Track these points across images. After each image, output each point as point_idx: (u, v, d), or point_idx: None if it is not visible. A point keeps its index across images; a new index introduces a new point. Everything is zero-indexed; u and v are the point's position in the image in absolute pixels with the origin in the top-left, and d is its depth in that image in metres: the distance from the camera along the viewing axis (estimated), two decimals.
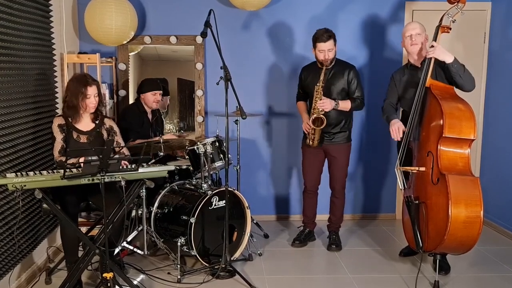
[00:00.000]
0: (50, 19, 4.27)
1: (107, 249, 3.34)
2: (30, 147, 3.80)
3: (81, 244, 3.85)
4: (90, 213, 4.72)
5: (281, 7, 5.25)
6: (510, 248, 4.71)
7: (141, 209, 4.11)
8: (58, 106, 4.37)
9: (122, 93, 5.21)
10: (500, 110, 5.16)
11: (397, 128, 3.94)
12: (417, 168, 3.80)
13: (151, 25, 5.22)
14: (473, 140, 3.59)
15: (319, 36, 4.27)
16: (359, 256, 4.49)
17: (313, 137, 4.41)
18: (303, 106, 4.67)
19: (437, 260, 3.80)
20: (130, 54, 5.22)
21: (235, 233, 4.22)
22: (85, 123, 3.79)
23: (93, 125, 3.81)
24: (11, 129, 3.49)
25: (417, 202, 3.80)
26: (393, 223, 5.45)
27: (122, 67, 5.19)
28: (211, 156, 4.29)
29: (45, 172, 3.29)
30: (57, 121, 3.72)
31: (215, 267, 3.95)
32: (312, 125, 4.32)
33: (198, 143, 4.29)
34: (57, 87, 4.39)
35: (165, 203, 4.25)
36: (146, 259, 4.31)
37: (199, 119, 5.31)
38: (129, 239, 4.07)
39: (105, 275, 3.30)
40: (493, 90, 5.29)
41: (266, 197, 5.56)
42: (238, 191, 4.31)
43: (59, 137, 3.69)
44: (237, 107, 4.05)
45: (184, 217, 3.98)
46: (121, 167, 3.40)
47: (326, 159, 4.64)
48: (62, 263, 3.94)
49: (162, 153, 4.30)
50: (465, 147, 3.61)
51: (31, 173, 3.18)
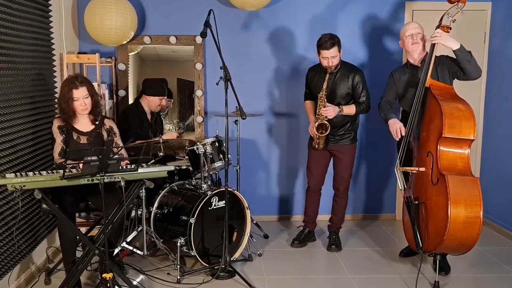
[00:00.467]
0: (49, 19, 4.27)
1: (106, 250, 3.34)
2: (29, 147, 3.79)
3: (80, 244, 3.86)
4: (89, 214, 4.73)
5: (281, 7, 5.25)
6: (510, 248, 4.70)
7: (141, 210, 4.10)
8: (57, 106, 4.36)
9: (121, 93, 5.20)
10: (500, 110, 5.15)
11: (398, 128, 3.93)
12: (417, 168, 3.79)
13: (150, 25, 5.22)
14: (473, 140, 3.58)
15: (322, 43, 4.21)
16: (359, 256, 4.49)
17: (318, 141, 4.42)
18: (310, 106, 4.65)
19: (437, 260, 3.80)
20: (129, 54, 5.22)
21: (235, 234, 4.21)
22: (85, 124, 3.78)
23: (93, 126, 3.80)
24: (10, 129, 3.49)
25: (417, 202, 3.80)
26: (393, 223, 5.44)
27: (121, 67, 5.18)
28: (211, 156, 4.28)
29: (44, 172, 3.28)
30: (57, 122, 3.71)
31: (215, 267, 3.95)
32: (316, 132, 4.32)
33: (197, 143, 4.28)
34: (56, 87, 4.38)
35: (164, 204, 4.25)
36: (145, 260, 4.31)
37: (199, 119, 5.31)
38: (128, 239, 4.06)
39: (104, 275, 3.30)
40: (493, 90, 5.28)
41: (266, 197, 5.56)
42: (238, 191, 4.30)
43: (59, 138, 3.69)
44: (236, 107, 4.04)
45: (183, 218, 3.98)
46: (120, 167, 3.39)
47: (331, 159, 4.65)
48: (61, 264, 3.93)
49: (161, 153, 4.30)
50: (465, 147, 3.60)
51: (31, 174, 3.18)
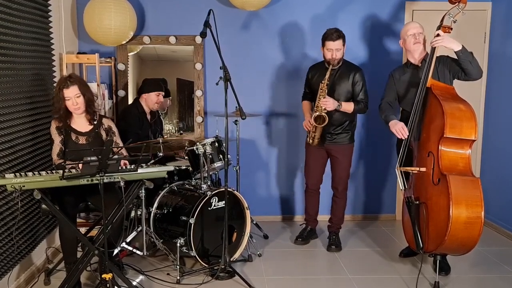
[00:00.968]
0: (49, 19, 4.26)
1: (106, 250, 3.33)
2: (28, 148, 3.78)
3: (80, 244, 3.85)
4: (89, 214, 4.72)
5: (280, 7, 5.24)
6: (510, 248, 4.70)
7: (140, 210, 4.09)
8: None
9: (121, 93, 5.20)
10: (500, 110, 5.15)
11: (400, 128, 3.92)
12: (417, 168, 3.79)
13: (150, 25, 5.21)
14: (474, 140, 3.58)
15: (328, 34, 4.29)
16: (359, 256, 4.48)
17: (313, 135, 4.41)
18: (307, 105, 4.68)
19: (438, 260, 3.80)
20: (129, 54, 5.21)
21: (235, 234, 4.20)
22: (82, 124, 3.77)
23: (91, 126, 3.79)
24: (9, 129, 3.48)
25: (417, 202, 3.79)
26: (393, 223, 5.44)
27: (121, 67, 5.17)
28: (211, 156, 4.28)
29: (44, 172, 3.28)
30: (55, 123, 3.71)
31: (215, 268, 3.94)
32: (314, 122, 4.31)
33: (197, 143, 4.28)
34: None
35: (164, 204, 4.24)
36: (145, 260, 4.30)
37: (199, 119, 5.30)
38: (128, 239, 4.05)
39: (104, 276, 3.29)
40: (493, 90, 5.28)
41: (265, 197, 5.55)
42: (237, 191, 4.30)
43: (57, 139, 3.68)
44: (236, 107, 4.04)
45: (183, 218, 3.97)
46: (120, 168, 3.39)
47: (328, 159, 4.65)
48: (61, 264, 3.93)
49: (161, 154, 4.29)
50: (466, 147, 3.60)
51: (30, 174, 3.17)
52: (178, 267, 3.90)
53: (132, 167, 3.48)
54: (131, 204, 3.90)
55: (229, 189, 3.98)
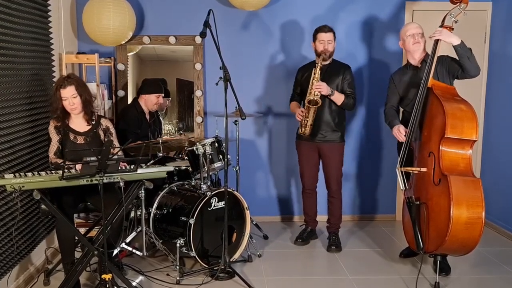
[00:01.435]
0: (48, 19, 4.25)
1: (105, 250, 3.33)
2: (28, 148, 3.78)
3: (79, 245, 3.84)
4: (88, 214, 4.71)
5: (280, 7, 5.24)
6: (510, 249, 4.69)
7: (140, 210, 4.08)
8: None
9: (120, 93, 5.19)
10: (501, 110, 5.14)
11: (396, 130, 3.94)
12: (418, 168, 3.78)
13: (149, 25, 5.20)
14: (475, 141, 3.58)
15: (320, 27, 4.45)
16: (359, 257, 4.48)
17: (306, 121, 4.41)
18: (296, 104, 4.72)
19: (438, 261, 3.79)
20: (129, 54, 5.20)
21: (235, 234, 4.20)
22: (81, 124, 3.77)
23: (89, 126, 3.79)
24: (9, 129, 3.47)
25: (418, 202, 3.78)
26: (393, 224, 5.43)
27: (120, 67, 5.16)
28: (210, 156, 4.28)
29: (43, 172, 3.27)
30: (53, 123, 3.70)
31: (214, 268, 3.94)
32: (307, 103, 4.34)
33: (197, 143, 4.27)
34: None
35: (164, 204, 4.23)
36: (145, 260, 4.29)
37: (198, 119, 5.29)
38: (128, 240, 4.04)
39: (103, 276, 3.29)
40: (494, 90, 5.27)
41: (265, 198, 5.54)
42: (237, 192, 4.29)
43: (55, 138, 3.68)
44: (236, 107, 4.03)
45: (183, 218, 3.96)
46: (120, 168, 3.38)
47: (320, 159, 4.67)
48: (60, 265, 3.91)
49: (161, 154, 4.28)
50: (467, 148, 3.59)
51: (30, 174, 3.16)
52: (177, 267, 3.90)
53: (131, 167, 3.47)
54: (131, 204, 3.90)
55: (229, 190, 3.97)
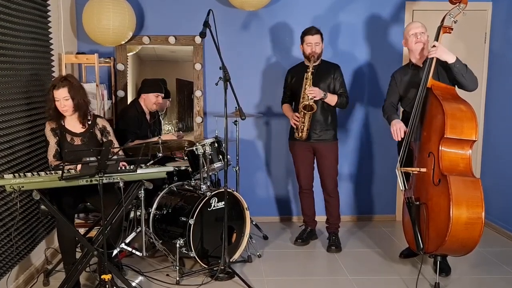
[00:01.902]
0: (48, 19, 4.25)
1: (105, 251, 3.32)
2: (27, 148, 3.77)
3: (79, 245, 3.84)
4: (88, 215, 4.71)
5: (280, 7, 5.23)
6: (510, 249, 4.69)
7: (140, 211, 4.08)
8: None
9: (120, 93, 5.18)
10: (501, 110, 5.14)
11: (398, 128, 3.92)
12: (418, 169, 3.77)
13: (149, 25, 5.20)
14: (475, 141, 3.58)
15: (307, 30, 4.46)
16: (358, 257, 4.47)
17: (302, 126, 4.43)
18: (288, 107, 4.75)
19: (438, 261, 3.79)
20: (128, 54, 5.20)
21: (234, 235, 4.19)
22: (76, 125, 3.75)
23: (85, 127, 3.78)
24: (8, 130, 3.47)
25: (418, 203, 3.78)
26: (393, 224, 5.43)
27: (120, 67, 5.16)
28: (210, 157, 4.27)
29: (43, 173, 3.27)
30: (50, 125, 3.69)
31: (214, 268, 3.93)
32: (302, 109, 4.35)
33: (197, 144, 4.27)
34: None
35: (163, 205, 4.23)
36: (144, 261, 4.29)
37: (198, 119, 5.29)
38: (127, 240, 4.04)
39: (103, 276, 3.29)
40: (494, 90, 5.27)
41: (265, 198, 5.54)
42: (237, 192, 4.29)
43: (52, 141, 3.67)
44: (236, 107, 4.03)
45: (183, 219, 3.96)
46: (119, 168, 3.38)
47: (315, 159, 4.68)
48: (60, 265, 3.92)
49: (160, 154, 4.28)
50: (467, 148, 3.59)
51: (29, 174, 3.16)
52: (177, 268, 3.90)
53: (131, 167, 3.47)
54: (130, 204, 3.89)
55: (228, 190, 3.97)
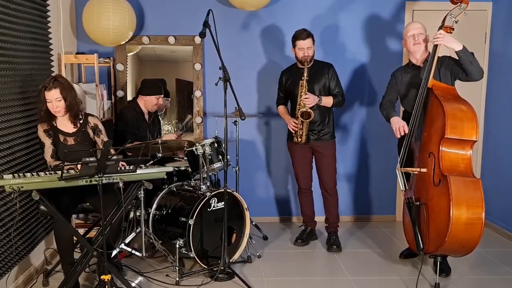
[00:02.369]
0: (47, 19, 4.24)
1: (105, 251, 3.32)
2: (27, 149, 3.77)
3: (78, 246, 3.83)
4: (87, 215, 4.70)
5: (280, 7, 5.23)
6: (511, 250, 4.68)
7: (139, 211, 4.07)
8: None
9: (120, 93, 5.18)
10: (501, 111, 5.13)
11: (401, 125, 3.91)
12: (418, 169, 3.77)
13: (149, 25, 5.19)
14: (475, 141, 3.57)
15: (298, 34, 4.42)
16: (359, 258, 4.47)
17: (301, 132, 4.45)
18: (284, 109, 4.77)
19: (438, 262, 3.79)
20: (128, 54, 5.19)
21: (234, 235, 4.19)
22: (68, 125, 3.74)
23: (77, 126, 3.76)
24: (7, 130, 3.47)
25: (418, 203, 3.78)
26: (393, 224, 5.42)
27: (120, 67, 5.15)
28: (210, 157, 4.27)
29: (42, 173, 3.26)
30: (42, 127, 3.67)
31: (214, 269, 3.93)
32: (300, 117, 4.37)
33: (196, 144, 4.26)
34: None
35: (163, 205, 4.22)
36: (144, 261, 4.28)
37: (198, 120, 5.28)
38: (127, 241, 4.03)
39: (102, 277, 3.28)
40: (494, 90, 5.26)
41: (265, 198, 5.53)
42: (237, 192, 4.28)
43: (47, 142, 3.66)
44: (236, 108, 4.02)
45: (182, 219, 3.95)
46: (119, 168, 3.37)
47: (313, 158, 4.69)
48: (59, 265, 3.90)
49: (160, 154, 4.27)
50: (467, 148, 3.58)
51: (28, 175, 3.16)
52: (177, 268, 3.89)
53: (131, 167, 3.46)
54: (130, 205, 3.89)
55: (228, 190, 3.97)
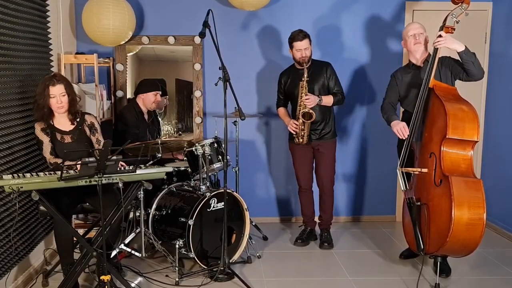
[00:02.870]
0: (47, 19, 4.24)
1: (104, 251, 3.32)
2: (26, 149, 3.76)
3: (78, 246, 3.82)
4: (87, 215, 4.70)
5: (280, 7, 5.22)
6: (511, 250, 4.68)
7: (139, 211, 4.07)
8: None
9: (119, 93, 5.17)
10: (501, 111, 5.13)
11: (401, 127, 3.91)
12: (419, 169, 3.77)
13: (149, 25, 5.19)
14: (476, 141, 3.57)
15: (294, 36, 4.43)
16: (358, 258, 4.46)
17: (302, 133, 4.46)
18: (284, 111, 4.77)
19: (438, 262, 3.78)
20: (128, 54, 5.18)
21: (234, 235, 4.18)
22: (65, 124, 3.75)
23: (74, 125, 3.78)
24: (7, 130, 3.46)
25: (419, 203, 3.77)
26: (393, 225, 5.42)
27: (119, 67, 5.15)
28: (210, 157, 4.26)
29: (42, 173, 3.25)
30: (39, 126, 3.67)
31: (214, 269, 3.92)
32: (301, 118, 4.37)
33: (196, 144, 4.25)
34: None
35: (163, 205, 4.21)
36: (143, 262, 4.28)
37: (198, 120, 5.28)
38: (126, 241, 4.02)
39: (102, 277, 3.28)
40: (494, 91, 5.26)
41: (265, 199, 5.52)
42: (237, 192, 4.27)
43: (46, 139, 3.66)
44: (235, 108, 4.02)
45: (182, 219, 3.95)
46: (118, 168, 3.36)
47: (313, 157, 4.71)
48: (59, 266, 3.89)
49: (160, 155, 4.27)
50: (468, 148, 3.58)
51: (28, 175, 3.15)
52: (177, 268, 3.88)
53: (130, 168, 3.46)
54: (130, 205, 3.88)
55: (228, 190, 3.96)
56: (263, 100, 5.35)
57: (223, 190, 3.90)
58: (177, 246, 3.90)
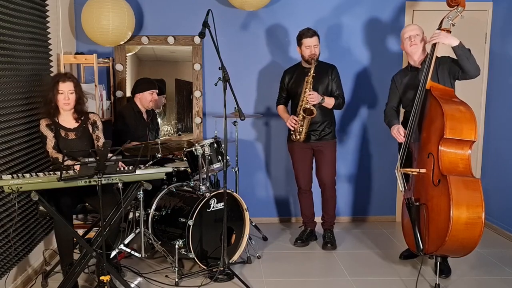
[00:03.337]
0: (46, 19, 4.24)
1: (104, 252, 3.32)
2: (26, 149, 3.76)
3: (77, 246, 3.82)
4: (87, 216, 4.69)
5: (280, 7, 5.22)
6: (511, 250, 4.67)
7: (139, 211, 4.06)
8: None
9: (119, 94, 5.17)
10: (501, 111, 5.12)
11: (396, 130, 3.93)
12: (417, 169, 3.77)
13: (148, 25, 5.19)
14: (474, 141, 3.57)
15: (304, 32, 4.42)
16: (358, 258, 4.46)
17: (300, 129, 4.45)
18: (284, 109, 4.76)
19: (438, 262, 3.78)
20: (127, 54, 5.18)
21: (234, 236, 4.18)
22: (70, 121, 3.79)
23: (79, 122, 3.82)
24: (6, 130, 3.46)
25: (417, 204, 3.77)
26: (393, 225, 5.42)
27: (119, 67, 5.15)
28: (209, 157, 4.26)
29: (41, 174, 3.25)
30: (44, 122, 3.71)
31: (213, 270, 3.92)
32: (302, 113, 4.36)
33: (196, 144, 4.25)
34: None
35: (162, 205, 4.21)
36: (143, 262, 4.28)
37: (197, 120, 5.28)
38: (126, 241, 4.03)
39: (102, 278, 3.28)
40: (494, 90, 5.26)
41: (265, 199, 5.52)
42: (236, 193, 4.27)
43: (50, 134, 3.69)
44: (235, 108, 4.02)
45: (182, 220, 3.94)
46: (118, 169, 3.36)
47: (313, 158, 4.71)
48: (58, 266, 3.89)
49: (159, 155, 4.27)
50: (466, 148, 3.58)
51: (27, 175, 3.15)
52: (176, 269, 3.88)
53: (130, 168, 3.46)
54: (129, 205, 3.88)
55: (228, 191, 3.96)
56: (263, 100, 5.35)
57: (222, 190, 3.89)
58: (176, 246, 3.90)
